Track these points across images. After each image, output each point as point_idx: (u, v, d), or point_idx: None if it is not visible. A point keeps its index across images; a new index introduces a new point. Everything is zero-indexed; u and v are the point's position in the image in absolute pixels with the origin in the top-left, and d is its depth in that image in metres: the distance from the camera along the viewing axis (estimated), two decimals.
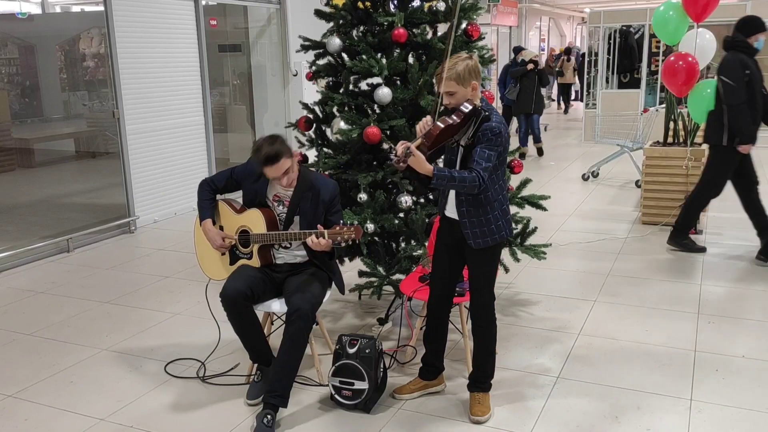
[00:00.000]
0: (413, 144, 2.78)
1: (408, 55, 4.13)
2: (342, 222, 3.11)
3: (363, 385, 3.17)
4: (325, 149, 4.27)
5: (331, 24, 4.20)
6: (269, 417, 3.03)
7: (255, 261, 3.33)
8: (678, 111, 6.51)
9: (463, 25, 4.16)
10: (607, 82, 12.95)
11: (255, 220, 3.29)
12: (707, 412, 3.17)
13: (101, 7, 6.33)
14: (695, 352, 3.78)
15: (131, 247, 6.17)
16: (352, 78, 4.10)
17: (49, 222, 6.33)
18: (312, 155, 4.32)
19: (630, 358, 3.73)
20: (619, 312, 4.37)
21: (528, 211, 4.40)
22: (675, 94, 5.79)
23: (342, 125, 3.95)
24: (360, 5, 4.13)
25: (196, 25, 7.30)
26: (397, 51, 4.05)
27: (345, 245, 3.11)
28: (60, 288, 5.10)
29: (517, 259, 4.23)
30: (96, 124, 6.84)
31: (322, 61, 4.29)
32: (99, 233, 6.40)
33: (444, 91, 2.89)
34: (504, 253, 4.18)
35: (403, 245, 4.20)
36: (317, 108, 4.26)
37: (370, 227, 3.81)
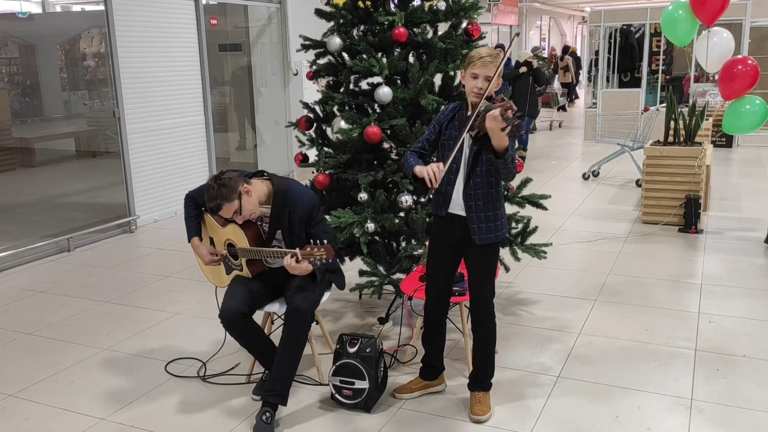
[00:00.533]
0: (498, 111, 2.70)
1: (408, 55, 4.13)
2: (317, 242, 2.99)
3: (363, 385, 3.17)
4: (326, 149, 4.27)
5: (332, 23, 4.19)
6: (268, 415, 3.04)
7: (246, 273, 3.29)
8: (678, 110, 6.50)
9: (464, 24, 4.16)
10: (608, 81, 12.96)
11: (237, 234, 3.23)
12: (708, 411, 3.17)
13: (101, 7, 6.33)
14: (696, 351, 3.78)
15: (131, 247, 6.17)
16: (352, 77, 4.10)
17: (50, 221, 6.33)
18: (312, 155, 4.32)
19: (630, 357, 3.72)
20: (620, 311, 4.36)
21: (528, 211, 4.39)
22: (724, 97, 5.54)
23: (342, 124, 3.95)
24: (360, 4, 4.13)
25: (196, 25, 7.30)
26: (398, 50, 4.05)
27: (321, 264, 3.01)
28: (60, 287, 5.10)
29: (518, 259, 4.23)
30: (96, 123, 6.84)
31: (322, 61, 4.29)
32: (99, 233, 6.41)
33: (485, 75, 2.92)
34: (504, 253, 4.18)
35: (404, 245, 4.20)
36: (318, 107, 4.26)
37: (370, 226, 3.81)
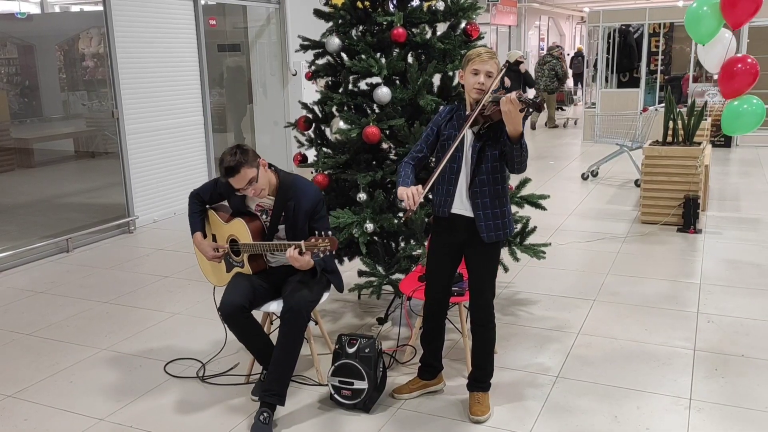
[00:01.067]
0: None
1: (407, 55, 4.13)
2: (323, 233, 2.99)
3: (362, 385, 3.17)
4: (325, 149, 4.28)
5: (330, 24, 4.20)
6: (266, 415, 3.04)
7: (247, 269, 3.31)
8: (677, 110, 6.51)
9: (462, 25, 4.16)
10: (607, 81, 12.96)
11: (240, 229, 3.25)
12: (707, 411, 3.17)
13: (100, 7, 6.33)
14: (694, 351, 3.78)
15: (131, 247, 6.17)
16: (351, 78, 4.10)
17: (49, 222, 6.33)
18: (311, 155, 4.32)
19: (629, 357, 3.73)
20: (619, 311, 4.37)
21: (527, 211, 4.40)
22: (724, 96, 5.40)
23: (341, 125, 3.95)
24: (359, 5, 4.13)
25: (195, 25, 7.30)
26: (397, 51, 4.05)
27: (323, 256, 3.01)
28: (59, 288, 5.10)
29: (517, 259, 4.23)
30: (95, 123, 6.84)
31: (321, 61, 4.29)
32: (98, 233, 6.40)
33: (487, 71, 2.90)
34: (503, 253, 4.18)
35: (403, 245, 4.20)
36: (316, 108, 4.26)
37: (369, 227, 3.81)
